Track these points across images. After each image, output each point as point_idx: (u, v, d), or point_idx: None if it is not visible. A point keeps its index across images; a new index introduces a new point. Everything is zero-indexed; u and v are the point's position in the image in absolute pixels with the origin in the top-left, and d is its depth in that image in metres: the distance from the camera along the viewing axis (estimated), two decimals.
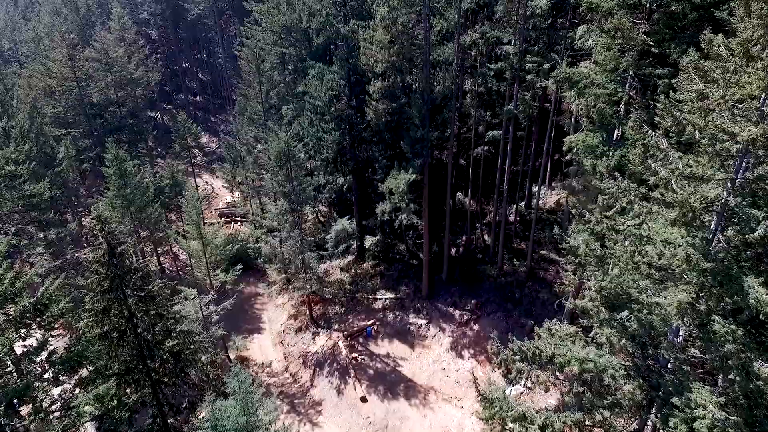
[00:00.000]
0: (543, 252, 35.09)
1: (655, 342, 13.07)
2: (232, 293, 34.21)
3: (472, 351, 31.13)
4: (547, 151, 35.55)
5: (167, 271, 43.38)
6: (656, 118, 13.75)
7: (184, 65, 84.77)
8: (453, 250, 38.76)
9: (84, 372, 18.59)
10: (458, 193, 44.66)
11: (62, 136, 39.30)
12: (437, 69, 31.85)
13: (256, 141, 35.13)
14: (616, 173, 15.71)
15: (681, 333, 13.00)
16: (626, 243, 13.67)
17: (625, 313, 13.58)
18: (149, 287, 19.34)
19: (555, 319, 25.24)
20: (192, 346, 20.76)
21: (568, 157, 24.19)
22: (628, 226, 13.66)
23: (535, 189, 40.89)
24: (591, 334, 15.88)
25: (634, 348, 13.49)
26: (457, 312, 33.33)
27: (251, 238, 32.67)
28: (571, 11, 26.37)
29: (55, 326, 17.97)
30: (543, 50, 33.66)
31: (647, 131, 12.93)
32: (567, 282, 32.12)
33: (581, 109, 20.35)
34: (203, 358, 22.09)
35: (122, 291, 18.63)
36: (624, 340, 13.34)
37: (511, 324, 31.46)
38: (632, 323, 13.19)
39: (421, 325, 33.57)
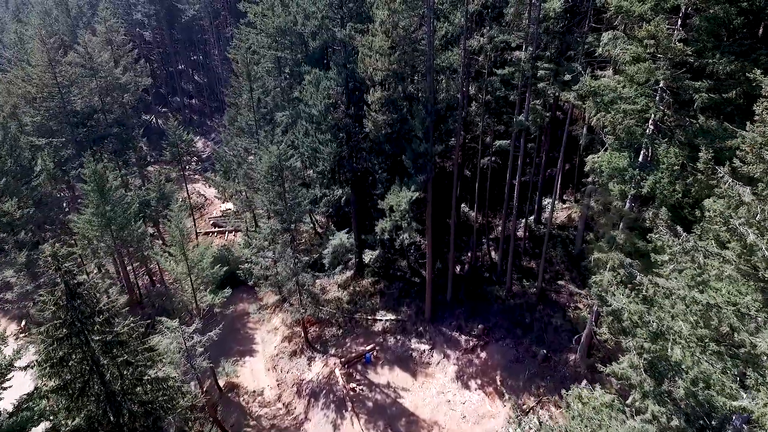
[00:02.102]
0: (556, 270, 32.74)
1: (717, 427, 10.71)
2: (222, 317, 31.94)
3: (479, 381, 28.78)
4: (560, 164, 33.15)
5: (156, 285, 41.18)
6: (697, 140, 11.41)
7: (180, 67, 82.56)
8: (458, 268, 36.42)
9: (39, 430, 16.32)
10: (462, 205, 42.35)
11: (44, 146, 37.07)
12: (440, 75, 29.55)
13: (247, 152, 32.82)
14: (677, 227, 13.19)
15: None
16: (682, 306, 11.21)
17: (681, 391, 11.02)
18: (117, 329, 17.05)
19: (573, 356, 22.70)
20: (168, 393, 18.46)
21: (586, 168, 21.87)
22: (689, 293, 10.99)
23: (546, 202, 38.54)
24: (629, 402, 13.52)
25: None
26: (463, 337, 30.99)
27: (245, 253, 30.34)
28: (590, 14, 23.97)
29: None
30: (554, 56, 31.32)
31: (721, 175, 10.47)
32: (583, 307, 29.86)
33: (606, 125, 17.99)
34: (183, 401, 19.77)
35: (85, 336, 16.34)
36: (676, 421, 10.98)
37: (522, 352, 29.10)
38: (687, 399, 10.81)
39: (424, 351, 31.24)
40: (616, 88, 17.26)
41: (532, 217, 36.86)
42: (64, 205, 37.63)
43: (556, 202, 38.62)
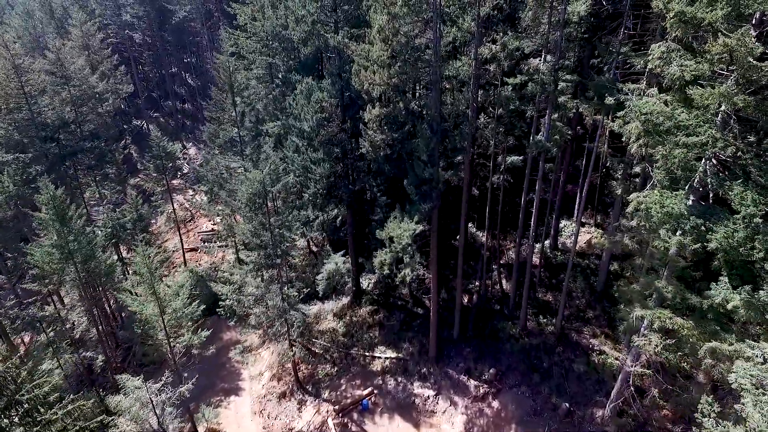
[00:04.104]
0: (577, 305, 29.22)
1: None
2: (201, 358, 28.50)
3: None
4: (582, 183, 29.60)
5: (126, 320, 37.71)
6: None
7: (172, 70, 79.18)
8: (465, 298, 32.92)
9: None
10: (469, 225, 38.86)
11: (10, 162, 33.67)
12: (446, 86, 26.13)
13: (230, 173, 29.35)
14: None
15: None
16: None
17: None
18: (47, 416, 13.59)
19: (601, 412, 19.37)
20: None
21: (629, 209, 18.48)
22: None
23: (563, 224, 34.95)
24: None
25: None
26: (472, 382, 27.50)
27: (224, 291, 26.80)
28: (628, 20, 20.46)
29: None
30: (576, 66, 27.81)
31: None
32: (609, 352, 26.30)
33: (656, 157, 14.47)
34: None
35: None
36: None
37: (540, 404, 25.60)
38: None
39: (428, 397, 27.76)
40: (672, 114, 13.73)
41: (547, 242, 33.30)
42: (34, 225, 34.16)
43: (573, 224, 35.04)
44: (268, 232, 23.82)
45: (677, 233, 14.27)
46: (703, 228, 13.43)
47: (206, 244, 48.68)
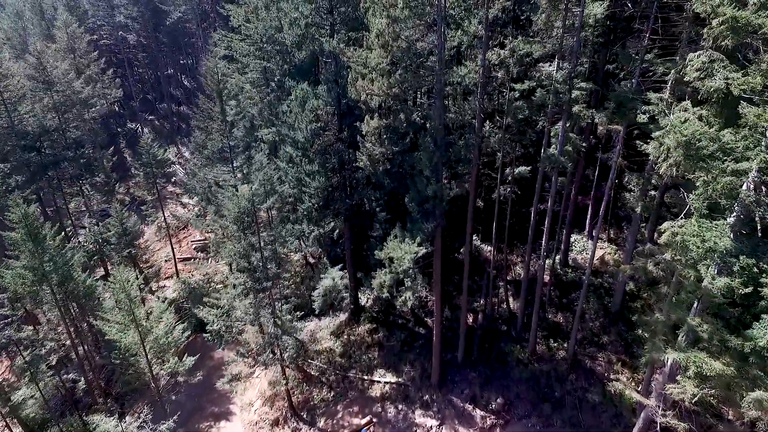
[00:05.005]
0: (590, 328, 27.30)
1: None
2: (186, 386, 26.63)
3: None
4: (605, 196, 27.66)
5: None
6: None
7: (167, 71, 77.29)
8: (469, 317, 31.02)
9: None
10: (471, 232, 36.87)
11: None
12: (448, 91, 24.17)
13: (218, 186, 27.45)
14: None
15: None
16: None
17: None
18: None
19: None
20: None
21: (662, 239, 16.63)
22: None
23: (575, 239, 32.97)
24: None
25: None
26: (478, 412, 25.61)
27: (209, 317, 24.83)
28: (655, 21, 18.54)
29: None
30: (588, 72, 25.92)
31: None
32: (626, 382, 24.38)
33: (698, 187, 12.57)
34: None
35: None
36: None
37: None
38: None
39: (431, 427, 25.86)
40: (717, 136, 11.82)
41: (558, 257, 31.35)
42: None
43: (585, 239, 33.14)
44: (258, 252, 21.93)
45: (723, 275, 12.36)
46: (755, 269, 11.54)
47: (200, 253, 46.95)
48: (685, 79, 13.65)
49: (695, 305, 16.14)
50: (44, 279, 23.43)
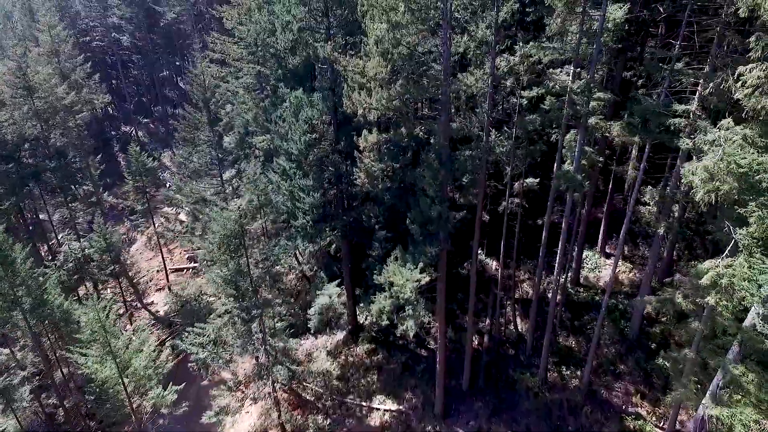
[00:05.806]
0: (604, 354, 25.39)
1: None
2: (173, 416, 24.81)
3: None
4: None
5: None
6: None
7: (162, 73, 75.42)
8: (475, 339, 29.14)
9: None
10: (478, 250, 35.03)
11: None
12: (452, 97, 22.28)
13: (205, 202, 25.61)
14: None
15: None
16: None
17: None
18: None
19: None
20: None
21: (703, 280, 14.77)
22: None
23: (587, 254, 31.02)
24: None
25: None
26: None
27: (192, 349, 22.95)
28: (685, 29, 16.65)
29: None
30: (605, 81, 24.09)
31: None
32: (647, 416, 22.50)
33: (753, 223, 10.72)
34: None
35: None
36: None
37: None
38: None
39: None
40: None
41: (569, 274, 29.45)
42: None
43: (597, 255, 31.22)
44: (248, 278, 20.08)
45: None
46: None
47: (193, 263, 45.20)
48: (735, 95, 11.76)
49: (734, 348, 14.31)
50: (16, 305, 21.61)
